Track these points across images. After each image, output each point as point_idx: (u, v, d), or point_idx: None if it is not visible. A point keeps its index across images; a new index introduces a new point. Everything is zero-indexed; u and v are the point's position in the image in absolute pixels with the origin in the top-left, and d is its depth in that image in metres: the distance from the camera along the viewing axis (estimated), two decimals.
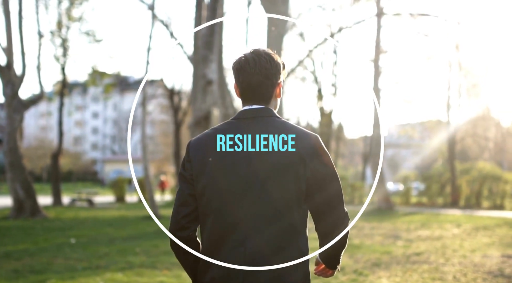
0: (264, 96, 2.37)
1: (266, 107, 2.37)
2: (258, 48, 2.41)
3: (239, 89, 2.40)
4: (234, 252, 2.22)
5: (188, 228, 2.34)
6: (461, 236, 13.51)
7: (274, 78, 2.37)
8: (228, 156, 2.28)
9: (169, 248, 10.89)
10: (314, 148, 2.28)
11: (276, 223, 2.23)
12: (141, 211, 22.12)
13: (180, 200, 2.35)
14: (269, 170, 2.23)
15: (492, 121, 43.03)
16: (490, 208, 26.37)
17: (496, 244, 11.81)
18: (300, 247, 2.27)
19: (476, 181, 28.48)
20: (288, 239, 2.25)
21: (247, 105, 2.38)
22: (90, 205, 26.91)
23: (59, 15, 25.26)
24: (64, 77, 26.74)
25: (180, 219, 2.33)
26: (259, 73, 2.33)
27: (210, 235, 2.29)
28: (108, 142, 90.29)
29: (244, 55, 2.38)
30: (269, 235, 2.22)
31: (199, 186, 2.30)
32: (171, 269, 8.53)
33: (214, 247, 2.28)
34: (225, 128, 2.34)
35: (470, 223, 17.24)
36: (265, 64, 2.34)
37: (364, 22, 23.69)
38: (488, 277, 7.94)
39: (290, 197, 2.24)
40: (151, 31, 19.97)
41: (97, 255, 10.02)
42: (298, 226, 2.28)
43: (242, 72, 2.36)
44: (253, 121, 2.32)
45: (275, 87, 2.40)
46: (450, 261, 9.35)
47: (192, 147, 2.37)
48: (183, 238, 2.35)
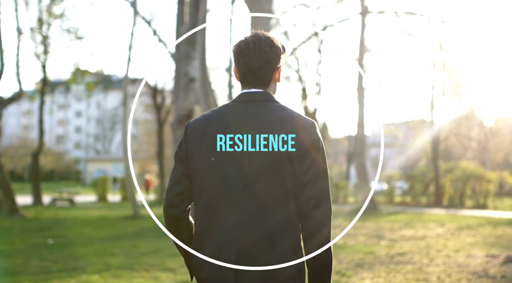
0: (263, 80, 2.38)
1: (265, 91, 2.39)
2: (258, 32, 2.41)
3: (238, 73, 2.41)
4: (226, 244, 2.23)
5: (179, 206, 2.36)
6: (445, 235, 13.41)
7: (274, 62, 2.38)
8: (221, 139, 2.29)
9: (148, 249, 10.70)
10: (311, 143, 2.29)
11: (271, 216, 2.24)
12: (123, 210, 21.84)
13: (174, 178, 2.38)
14: (266, 163, 2.24)
15: (476, 121, 43.25)
16: (473, 207, 26.40)
17: (480, 244, 11.72)
18: (296, 239, 2.27)
19: (460, 180, 28.52)
20: (282, 233, 2.25)
21: (246, 89, 2.39)
22: (71, 204, 26.55)
23: (39, 12, 24.84)
24: (45, 75, 26.32)
25: (173, 197, 2.36)
26: (259, 57, 2.34)
27: (202, 216, 2.31)
28: (92, 141, 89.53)
29: (245, 38, 2.39)
30: (263, 228, 2.23)
31: (193, 166, 2.32)
32: (150, 271, 8.31)
33: (206, 230, 2.30)
34: (223, 111, 2.35)
35: (453, 222, 17.18)
36: (265, 48, 2.35)
37: (348, 20, 23.57)
38: (473, 277, 7.81)
39: (286, 191, 2.25)
40: (133, 28, 19.68)
41: (74, 256, 9.76)
42: (294, 219, 2.28)
43: (242, 55, 2.36)
44: (251, 105, 2.34)
45: (275, 71, 2.41)
46: (434, 261, 9.22)
47: (189, 127, 2.38)
48: (175, 216, 2.37)
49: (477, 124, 43.96)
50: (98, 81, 35.83)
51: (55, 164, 66.95)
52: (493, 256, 9.73)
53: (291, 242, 2.26)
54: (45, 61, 25.87)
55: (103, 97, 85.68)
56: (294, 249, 2.27)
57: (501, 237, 13.05)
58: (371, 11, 23.51)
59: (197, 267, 2.33)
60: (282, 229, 2.24)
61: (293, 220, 2.28)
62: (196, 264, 2.33)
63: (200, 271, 2.31)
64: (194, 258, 2.34)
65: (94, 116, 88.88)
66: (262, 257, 2.21)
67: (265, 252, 2.22)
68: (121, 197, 31.42)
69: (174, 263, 8.98)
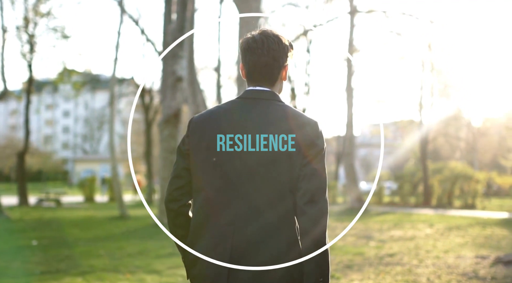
0: (270, 78, 2.37)
1: (270, 90, 2.37)
2: (266, 29, 2.39)
3: (245, 70, 2.40)
4: (221, 241, 2.23)
5: (179, 200, 2.38)
6: (434, 236, 13.34)
7: (281, 60, 2.37)
8: (222, 135, 2.29)
9: (134, 250, 10.52)
10: (311, 142, 2.26)
11: (267, 213, 2.23)
12: (110, 211, 21.61)
13: (175, 172, 2.39)
14: (265, 163, 2.24)
15: (464, 121, 43.37)
16: (461, 208, 26.41)
17: (469, 244, 11.65)
18: (292, 235, 2.25)
19: (448, 180, 28.51)
20: (277, 230, 2.23)
21: (252, 86, 2.38)
22: (58, 205, 26.26)
23: (25, 10, 24.56)
24: (31, 75, 26.01)
25: (173, 191, 2.38)
26: (266, 54, 2.32)
27: (199, 211, 2.32)
28: (79, 141, 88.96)
29: (252, 35, 2.36)
30: (259, 225, 2.22)
31: (193, 162, 2.32)
32: (135, 273, 8.15)
33: (201, 226, 2.30)
34: (227, 108, 2.34)
35: (442, 222, 17.12)
36: (273, 45, 2.33)
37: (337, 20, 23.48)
38: (463, 279, 7.71)
39: (283, 190, 2.24)
40: (120, 27, 19.46)
41: (58, 258, 9.57)
42: (291, 216, 2.27)
43: (250, 52, 2.34)
44: (255, 104, 2.32)
45: (282, 69, 2.39)
46: (424, 263, 9.12)
47: (192, 123, 2.38)
48: (174, 210, 2.39)
49: (465, 124, 44.06)
50: (86, 81, 35.56)
51: (42, 164, 66.40)
52: (483, 257, 9.65)
53: (287, 238, 2.24)
54: (31, 61, 25.58)
55: (91, 97, 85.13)
56: (290, 245, 2.24)
57: (490, 238, 12.99)
58: (360, 10, 23.43)
59: (191, 263, 2.33)
60: (278, 226, 2.23)
61: (290, 217, 2.27)
62: (190, 260, 2.34)
63: (194, 266, 2.31)
64: (189, 253, 2.34)
65: (82, 116, 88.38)
66: (257, 254, 2.20)
67: (259, 249, 2.21)
68: (108, 198, 31.16)
69: (160, 265, 8.83)
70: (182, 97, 16.10)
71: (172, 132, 15.51)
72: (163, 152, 15.72)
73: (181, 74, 15.56)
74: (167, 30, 16.18)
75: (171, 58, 15.58)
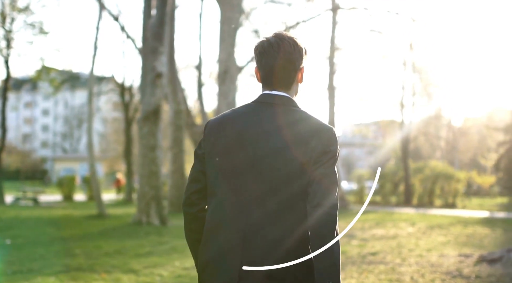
0: (286, 81, 2.33)
1: (287, 94, 2.33)
2: (280, 32, 2.36)
3: (260, 74, 2.36)
4: (232, 247, 2.20)
5: (197, 205, 2.37)
6: (416, 235, 13.23)
7: (297, 62, 2.34)
8: (239, 140, 2.26)
9: (111, 249, 10.24)
10: (326, 150, 2.22)
11: (280, 223, 2.19)
12: (88, 210, 21.25)
13: (192, 176, 2.38)
14: (278, 169, 2.20)
15: (444, 120, 43.58)
16: (442, 207, 26.47)
17: (452, 243, 11.55)
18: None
19: (429, 179, 28.57)
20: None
21: (268, 90, 2.34)
22: (35, 204, 25.80)
23: (2, 5, 24.09)
24: (8, 71, 25.52)
25: (190, 195, 2.37)
26: (282, 57, 2.29)
27: (211, 216, 2.29)
28: (59, 139, 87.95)
29: (267, 39, 2.34)
30: (271, 234, 2.17)
31: (208, 165, 2.31)
32: (111, 272, 7.88)
33: (213, 232, 2.28)
34: (242, 112, 2.32)
35: (424, 221, 17.05)
36: (288, 48, 2.30)
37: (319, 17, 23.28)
38: (447, 277, 7.58)
39: (295, 197, 2.20)
40: (98, 23, 19.04)
41: (32, 257, 9.26)
42: (303, 226, 2.21)
43: (265, 55, 2.31)
44: (270, 108, 2.29)
45: (297, 72, 2.36)
46: (407, 261, 8.98)
47: (208, 126, 2.37)
48: (191, 214, 2.39)
49: (445, 124, 44.27)
50: (65, 79, 35.04)
51: (20, 163, 65.59)
52: (466, 255, 9.53)
53: (299, 246, 2.20)
54: (8, 57, 25.10)
55: (71, 96, 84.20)
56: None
57: (472, 236, 12.92)
58: (342, 7, 23.27)
59: (201, 268, 2.32)
60: (290, 234, 2.19)
61: (303, 223, 2.21)
62: (200, 265, 2.33)
63: (204, 272, 2.30)
64: (199, 258, 2.34)
65: (61, 114, 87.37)
66: (268, 261, 2.16)
67: (271, 256, 2.16)
68: (87, 196, 30.74)
69: (137, 264, 8.58)
70: (162, 94, 15.82)
71: (151, 129, 15.23)
72: (143, 150, 15.43)
73: (161, 71, 15.28)
74: (147, 25, 15.89)
75: (151, 54, 15.30)
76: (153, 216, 15.11)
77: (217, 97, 18.02)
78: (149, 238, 12.22)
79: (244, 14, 26.28)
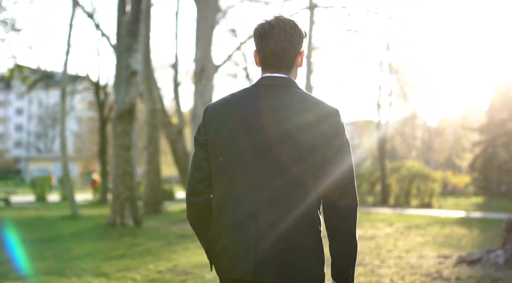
0: (287, 63, 2.30)
1: (288, 77, 2.30)
2: (281, 15, 2.33)
3: (259, 56, 2.32)
4: (246, 232, 2.18)
5: (204, 193, 2.31)
6: (394, 235, 13.12)
7: (298, 45, 2.31)
8: (244, 125, 2.22)
9: (83, 252, 9.92)
10: (335, 131, 2.22)
11: (290, 205, 2.18)
12: (61, 210, 20.80)
13: (195, 164, 2.31)
14: (287, 153, 2.18)
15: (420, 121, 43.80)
16: (418, 207, 26.51)
17: (430, 243, 11.45)
18: (313, 218, 2.23)
19: (405, 179, 28.58)
20: (301, 223, 2.20)
21: (268, 73, 2.30)
22: (7, 204, 25.23)
23: None
24: None
25: (196, 183, 2.30)
26: (284, 39, 2.26)
27: (219, 203, 2.26)
28: (33, 139, 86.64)
29: (267, 21, 2.30)
30: (282, 218, 2.17)
31: (212, 152, 2.26)
32: (81, 276, 7.59)
33: (223, 219, 2.24)
34: (244, 96, 2.28)
35: (401, 221, 16.97)
36: (289, 30, 2.27)
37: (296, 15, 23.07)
38: (427, 279, 7.43)
39: (307, 180, 2.19)
40: (72, 19, 18.57)
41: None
42: (314, 207, 2.24)
43: (266, 37, 2.27)
44: (273, 91, 2.26)
45: (298, 55, 2.33)
46: (386, 263, 8.82)
47: (209, 111, 2.32)
48: (199, 203, 2.32)
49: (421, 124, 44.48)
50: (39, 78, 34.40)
51: None
52: (445, 256, 9.41)
53: (309, 227, 2.22)
54: None
55: (45, 95, 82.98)
56: (314, 224, 2.24)
57: (450, 236, 12.85)
58: (319, 5, 23.10)
59: (216, 257, 2.29)
60: (301, 219, 2.20)
61: (313, 209, 2.24)
62: (215, 254, 2.29)
63: (220, 261, 2.27)
64: (213, 247, 2.30)
65: (35, 114, 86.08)
66: (280, 244, 2.16)
67: (283, 238, 2.17)
68: (60, 197, 30.20)
69: (109, 267, 8.29)
70: (137, 92, 15.50)
71: (126, 128, 14.90)
72: (117, 149, 15.10)
73: (136, 68, 14.96)
74: (121, 21, 15.56)
75: (125, 52, 14.98)
76: (127, 217, 14.78)
77: (193, 96, 17.76)
78: (122, 240, 11.91)
79: (221, 12, 26.03)
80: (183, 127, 24.80)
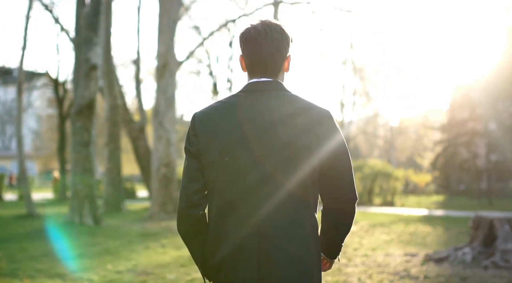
0: (273, 69, 2.26)
1: (276, 80, 2.26)
2: (267, 19, 2.28)
3: (246, 62, 2.28)
4: (247, 242, 2.13)
5: (200, 205, 2.24)
6: (359, 233, 12.99)
7: (284, 50, 2.28)
8: (238, 133, 2.16)
9: (38, 252, 9.47)
10: (328, 133, 2.20)
11: (290, 209, 2.15)
12: (17, 209, 20.12)
13: (189, 175, 2.23)
14: (282, 157, 2.14)
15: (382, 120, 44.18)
16: (381, 205, 26.62)
17: (395, 241, 11.35)
18: (312, 222, 2.21)
19: (368, 178, 28.68)
20: (302, 226, 2.17)
21: (255, 78, 2.26)
22: None
23: None
24: None
25: (192, 195, 2.23)
26: (270, 45, 2.22)
27: (216, 213, 2.20)
28: None
29: (254, 26, 2.25)
30: (284, 221, 2.14)
31: (205, 162, 2.20)
32: (35, 278, 7.18)
33: (221, 229, 2.18)
34: (232, 103, 2.23)
35: (365, 220, 16.90)
36: (276, 35, 2.24)
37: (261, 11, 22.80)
38: (395, 278, 7.27)
39: (304, 184, 2.16)
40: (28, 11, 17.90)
41: None
42: (312, 210, 2.22)
43: (253, 43, 2.23)
44: (262, 96, 2.22)
45: (285, 60, 2.30)
46: (353, 261, 8.64)
47: (197, 120, 2.24)
48: (196, 216, 2.24)
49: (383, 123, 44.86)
50: None
51: None
52: (412, 254, 9.29)
53: (309, 234, 2.19)
54: None
55: (3, 91, 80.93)
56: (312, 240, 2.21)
57: (415, 234, 12.79)
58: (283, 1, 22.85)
59: (215, 269, 2.21)
60: (299, 223, 2.17)
61: (311, 213, 2.21)
62: (214, 266, 2.21)
63: (219, 272, 2.19)
64: (212, 259, 2.22)
65: None
66: (283, 253, 2.12)
67: (286, 247, 2.13)
68: (17, 196, 29.36)
69: (65, 268, 7.89)
70: (97, 87, 15.03)
71: (85, 124, 14.42)
72: (76, 146, 14.61)
73: (96, 62, 14.49)
74: (80, 14, 15.06)
75: (84, 45, 14.49)
76: (86, 216, 14.31)
77: (155, 93, 17.33)
78: (80, 239, 11.47)
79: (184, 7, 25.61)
80: (145, 124, 24.32)
